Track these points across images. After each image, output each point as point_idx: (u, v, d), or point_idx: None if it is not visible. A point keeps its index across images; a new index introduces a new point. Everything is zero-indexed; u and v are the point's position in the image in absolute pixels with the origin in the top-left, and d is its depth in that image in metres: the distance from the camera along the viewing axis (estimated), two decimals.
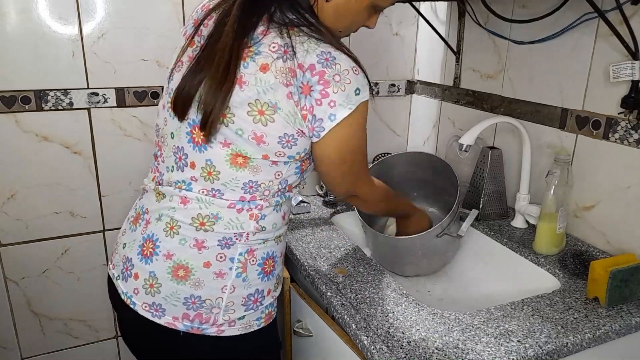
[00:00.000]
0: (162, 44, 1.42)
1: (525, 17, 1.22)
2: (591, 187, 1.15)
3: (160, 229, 0.85)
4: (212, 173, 0.82)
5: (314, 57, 0.76)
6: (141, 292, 0.85)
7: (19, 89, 1.32)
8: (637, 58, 0.99)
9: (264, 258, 0.87)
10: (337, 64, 0.77)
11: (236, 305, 0.85)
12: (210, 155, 0.81)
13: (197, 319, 0.83)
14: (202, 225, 0.83)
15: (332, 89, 0.77)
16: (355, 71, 0.79)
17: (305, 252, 1.12)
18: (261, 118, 0.77)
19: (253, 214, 0.84)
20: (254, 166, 0.81)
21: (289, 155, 0.82)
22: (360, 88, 0.79)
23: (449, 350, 0.79)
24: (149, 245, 0.85)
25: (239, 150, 0.80)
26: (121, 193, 1.50)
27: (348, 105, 0.78)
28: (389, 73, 1.77)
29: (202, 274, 0.83)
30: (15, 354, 1.51)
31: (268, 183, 0.83)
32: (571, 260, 1.07)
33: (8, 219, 1.40)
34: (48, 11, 1.30)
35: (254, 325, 0.88)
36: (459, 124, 1.60)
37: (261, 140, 0.79)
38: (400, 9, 1.70)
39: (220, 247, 0.83)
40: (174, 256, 0.83)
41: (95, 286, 1.55)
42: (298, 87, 0.76)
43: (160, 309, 0.84)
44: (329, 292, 0.96)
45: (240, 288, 0.85)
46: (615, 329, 0.87)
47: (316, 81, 0.76)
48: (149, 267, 0.84)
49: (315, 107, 0.78)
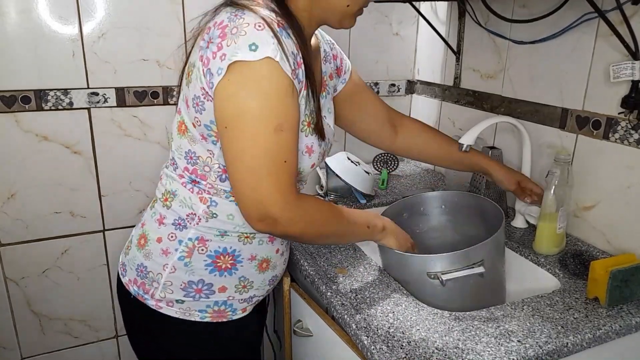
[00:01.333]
0: (162, 44, 1.42)
1: (525, 17, 1.22)
2: (591, 187, 1.15)
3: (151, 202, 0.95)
4: (170, 141, 0.90)
5: (226, 15, 0.76)
6: (123, 251, 0.97)
7: (19, 89, 1.32)
8: (637, 58, 0.99)
9: (218, 252, 0.87)
10: (241, 18, 0.72)
11: (174, 286, 0.88)
12: (173, 123, 0.89)
13: (142, 287, 0.90)
14: (165, 200, 0.89)
15: (226, 42, 0.71)
16: (259, 26, 0.71)
17: (305, 252, 1.12)
18: (187, 81, 0.81)
19: (203, 197, 0.85)
20: (191, 136, 0.83)
21: (204, 124, 0.79)
22: (259, 44, 0.69)
23: (449, 350, 0.79)
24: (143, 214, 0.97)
25: (182, 118, 0.84)
26: (121, 193, 1.50)
27: (231, 57, 0.70)
28: (389, 73, 1.77)
29: (153, 247, 0.89)
30: (15, 354, 1.51)
31: (205, 159, 0.83)
32: (571, 260, 1.07)
33: (8, 219, 1.40)
34: (48, 11, 1.30)
35: (196, 315, 0.89)
36: (459, 124, 1.60)
37: (187, 104, 0.81)
38: (400, 9, 1.70)
39: (174, 226, 0.87)
40: (145, 226, 0.92)
41: (95, 286, 1.55)
42: (206, 42, 0.76)
43: (125, 269, 0.94)
44: (329, 292, 0.96)
45: (181, 271, 0.87)
46: (615, 329, 0.87)
47: (217, 34, 0.73)
48: (133, 232, 0.96)
49: (210, 60, 0.73)
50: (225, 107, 0.73)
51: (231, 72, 0.71)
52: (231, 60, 0.70)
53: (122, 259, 0.96)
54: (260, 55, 0.70)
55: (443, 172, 1.66)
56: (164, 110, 1.48)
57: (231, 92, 0.72)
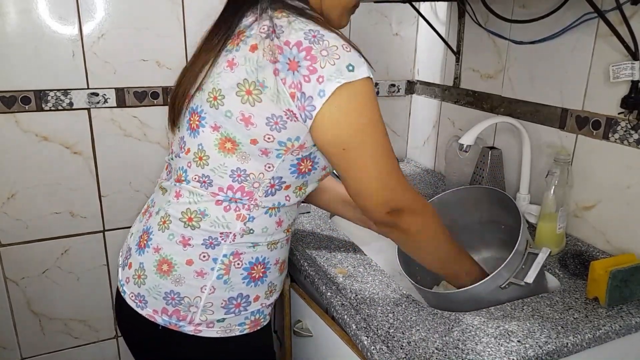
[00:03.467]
0: (162, 44, 1.42)
1: (525, 17, 1.22)
2: (591, 187, 1.15)
3: (155, 222, 0.87)
4: (202, 158, 0.82)
5: (300, 34, 0.74)
6: (131, 282, 0.88)
7: (19, 89, 1.32)
8: (637, 58, 0.99)
9: (252, 263, 0.85)
10: (325, 41, 0.74)
11: (215, 306, 0.84)
12: (201, 140, 0.82)
13: (174, 315, 0.84)
14: (190, 220, 0.83)
15: (319, 64, 0.72)
16: (346, 48, 0.74)
17: (305, 252, 1.12)
18: (249, 98, 0.76)
19: (240, 214, 0.82)
20: (242, 153, 0.79)
21: (278, 140, 0.78)
22: (354, 64, 0.73)
23: (449, 350, 0.79)
24: (145, 237, 0.88)
25: (227, 135, 0.79)
26: (121, 193, 1.50)
27: (336, 79, 0.72)
28: (389, 73, 1.77)
29: (183, 271, 0.83)
30: (15, 354, 1.51)
31: (258, 175, 0.81)
32: (571, 260, 1.07)
33: (8, 219, 1.40)
34: (48, 11, 1.30)
35: (236, 330, 0.87)
36: (459, 124, 1.60)
37: (249, 122, 0.77)
38: (400, 9, 1.70)
39: (205, 246, 0.83)
40: (161, 250, 0.85)
41: (95, 286, 1.55)
42: (285, 64, 0.74)
43: (143, 301, 0.86)
44: (329, 292, 0.96)
45: (221, 290, 0.84)
46: (615, 329, 0.87)
47: (303, 57, 0.73)
48: (140, 258, 0.87)
49: (303, 84, 0.73)
50: (339, 131, 0.76)
51: (336, 95, 0.73)
52: (336, 82, 0.72)
53: (135, 289, 0.87)
54: (359, 75, 0.73)
55: (443, 172, 1.66)
56: (164, 110, 1.48)
57: (341, 115, 0.75)
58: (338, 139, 0.77)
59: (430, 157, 1.77)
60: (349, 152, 0.77)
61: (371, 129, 0.77)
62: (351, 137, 0.76)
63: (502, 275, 0.88)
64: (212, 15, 0.88)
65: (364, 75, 0.74)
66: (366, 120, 0.76)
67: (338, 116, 0.75)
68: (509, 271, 0.88)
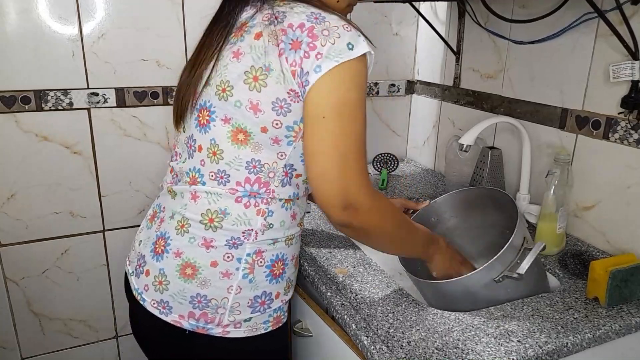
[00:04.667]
0: (162, 44, 1.42)
1: (525, 17, 1.22)
2: (591, 187, 1.15)
3: (172, 227, 0.86)
4: (216, 153, 0.82)
5: (303, 17, 0.77)
6: (151, 289, 0.86)
7: (19, 89, 1.32)
8: (637, 58, 0.99)
9: (273, 260, 0.87)
10: (327, 21, 0.76)
11: (242, 306, 0.85)
12: (213, 134, 0.82)
13: (202, 318, 0.84)
14: (211, 221, 0.83)
15: (320, 42, 0.75)
16: (346, 28, 0.76)
17: (305, 252, 1.12)
18: (255, 85, 0.77)
19: (260, 209, 0.83)
20: (255, 143, 0.80)
21: (286, 125, 0.79)
22: (354, 43, 0.75)
23: (449, 350, 0.79)
24: (161, 243, 0.87)
25: (239, 126, 0.80)
26: (121, 193, 1.50)
27: (335, 58, 0.74)
28: (389, 73, 1.77)
29: (208, 273, 0.83)
30: (15, 354, 1.51)
31: (272, 164, 0.81)
32: (571, 260, 1.07)
33: (8, 219, 1.40)
34: (48, 11, 1.30)
35: (261, 328, 0.87)
36: (459, 124, 1.60)
37: (257, 109, 0.78)
38: (400, 9, 1.70)
39: (228, 246, 0.83)
40: (183, 254, 0.84)
41: (95, 286, 1.55)
42: (288, 44, 0.76)
43: (167, 307, 0.85)
44: (329, 292, 0.96)
45: (247, 289, 0.85)
46: (615, 329, 0.87)
47: (305, 35, 0.75)
48: (159, 265, 0.86)
49: (303, 60, 0.75)
50: (325, 100, 0.76)
51: (332, 71, 0.74)
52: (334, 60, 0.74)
53: (156, 296, 0.85)
54: (358, 52, 0.75)
55: (443, 172, 1.66)
56: (164, 110, 1.48)
57: (333, 86, 0.75)
58: (321, 106, 0.76)
59: (430, 157, 1.77)
60: (327, 122, 0.76)
61: (355, 105, 0.77)
62: (333, 107, 0.76)
63: (495, 268, 0.87)
64: (211, 15, 0.89)
65: (363, 50, 0.75)
66: (354, 96, 0.76)
67: (329, 87, 0.75)
68: (503, 264, 0.87)
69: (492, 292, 0.90)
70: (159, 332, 0.88)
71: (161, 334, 0.88)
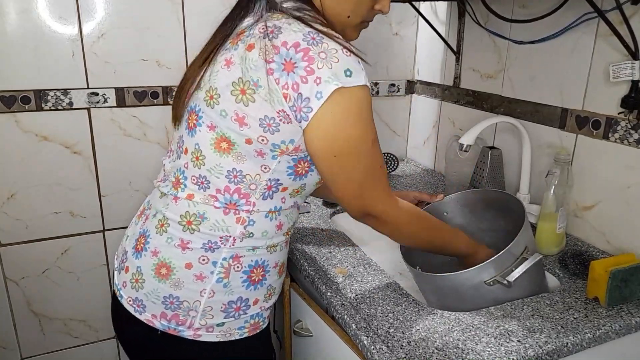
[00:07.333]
0: (162, 44, 1.42)
1: (525, 17, 1.22)
2: (591, 187, 1.15)
3: (153, 225, 0.86)
4: (199, 158, 0.82)
5: (299, 35, 0.74)
6: (128, 286, 0.87)
7: (19, 89, 1.32)
8: (637, 58, 0.99)
9: (252, 266, 0.85)
10: (325, 43, 0.73)
11: (215, 310, 0.84)
12: (198, 139, 0.82)
13: (174, 319, 0.83)
14: (189, 224, 0.82)
15: (316, 65, 0.72)
16: (346, 52, 0.73)
17: (305, 252, 1.12)
18: (243, 98, 0.76)
19: (240, 217, 0.82)
20: (238, 153, 0.79)
21: (272, 142, 0.77)
22: (352, 70, 0.73)
23: (449, 350, 0.79)
24: (142, 240, 0.87)
25: (223, 134, 0.78)
26: (121, 193, 1.50)
27: (334, 82, 0.72)
28: (389, 73, 1.77)
29: (182, 275, 0.82)
30: (15, 354, 1.51)
31: (254, 176, 0.80)
32: (571, 260, 1.07)
33: (8, 219, 1.40)
34: (48, 11, 1.30)
35: (236, 334, 0.86)
36: (459, 124, 1.60)
37: (243, 122, 0.76)
38: (400, 9, 1.70)
39: (204, 249, 0.82)
40: (160, 254, 0.84)
41: (95, 286, 1.55)
42: (280, 64, 0.72)
43: (141, 305, 0.85)
44: (329, 292, 0.96)
45: (221, 294, 0.83)
46: (615, 329, 0.87)
47: (300, 58, 0.72)
48: (138, 262, 0.86)
49: (300, 84, 0.72)
50: (332, 139, 0.76)
51: (332, 99, 0.73)
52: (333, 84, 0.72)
53: (132, 294, 0.86)
54: (356, 82, 0.74)
55: (443, 172, 1.66)
56: (164, 110, 1.48)
57: (336, 123, 0.75)
58: (330, 146, 0.77)
59: (430, 157, 1.77)
60: (339, 159, 0.78)
61: (363, 139, 0.78)
62: (343, 146, 0.77)
63: (488, 271, 0.87)
64: (211, 15, 0.89)
65: (360, 83, 0.74)
66: (359, 132, 0.77)
67: (332, 124, 0.75)
68: (498, 269, 0.87)
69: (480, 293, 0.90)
70: (134, 330, 0.87)
71: (136, 331, 0.87)
